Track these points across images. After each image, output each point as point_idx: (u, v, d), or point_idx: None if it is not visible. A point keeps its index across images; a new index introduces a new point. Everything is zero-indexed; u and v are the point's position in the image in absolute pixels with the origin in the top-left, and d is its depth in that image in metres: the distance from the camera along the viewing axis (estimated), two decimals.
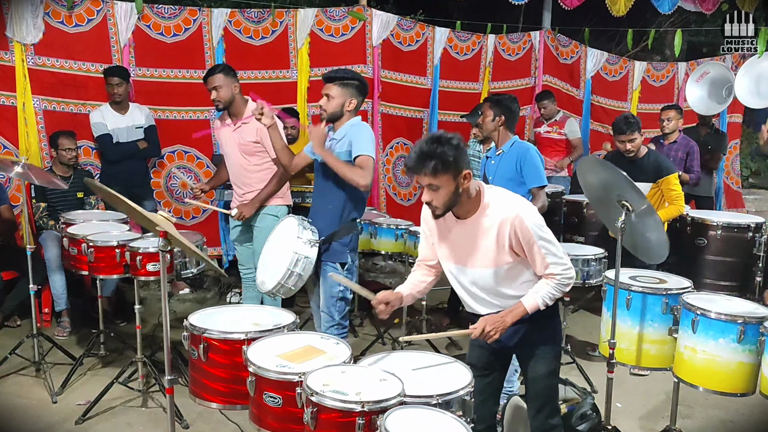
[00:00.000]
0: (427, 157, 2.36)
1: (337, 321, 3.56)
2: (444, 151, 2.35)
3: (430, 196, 2.44)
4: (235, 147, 4.22)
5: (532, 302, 2.57)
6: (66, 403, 3.97)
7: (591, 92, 7.92)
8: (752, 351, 2.98)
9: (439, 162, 2.35)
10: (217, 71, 4.13)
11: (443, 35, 6.85)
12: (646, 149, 4.74)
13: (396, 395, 2.20)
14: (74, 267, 4.17)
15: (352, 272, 3.62)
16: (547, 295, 2.58)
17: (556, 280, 2.56)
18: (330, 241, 3.52)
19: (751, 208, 9.10)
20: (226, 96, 4.12)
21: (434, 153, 2.35)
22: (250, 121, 4.10)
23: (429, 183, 2.40)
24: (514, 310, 2.58)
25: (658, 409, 4.16)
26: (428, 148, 2.36)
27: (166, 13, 5.69)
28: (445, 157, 2.35)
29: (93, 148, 5.52)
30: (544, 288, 2.58)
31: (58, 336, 4.86)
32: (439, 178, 2.37)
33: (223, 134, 4.34)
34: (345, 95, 3.50)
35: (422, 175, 2.39)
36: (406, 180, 6.87)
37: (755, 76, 6.83)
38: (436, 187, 2.40)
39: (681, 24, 9.01)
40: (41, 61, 5.30)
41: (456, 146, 2.38)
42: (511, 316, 2.58)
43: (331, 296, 3.54)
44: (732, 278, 5.10)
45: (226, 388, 2.71)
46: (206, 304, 5.71)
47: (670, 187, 4.56)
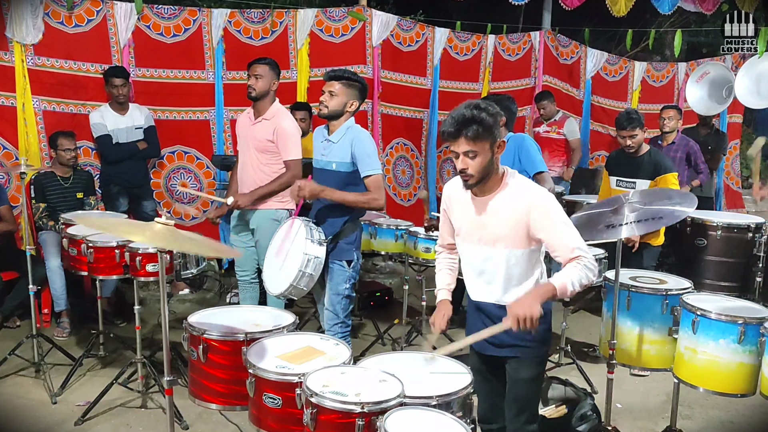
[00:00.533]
0: (469, 121, 2.32)
1: (341, 319, 3.62)
2: (484, 117, 2.33)
3: (465, 163, 2.39)
4: (251, 142, 4.19)
5: (561, 282, 2.38)
6: (65, 404, 3.96)
7: (591, 92, 7.93)
8: (753, 352, 2.97)
9: (480, 127, 2.33)
10: (265, 62, 4.14)
11: (443, 35, 6.85)
12: (648, 147, 4.74)
13: (396, 396, 2.19)
14: (74, 267, 4.16)
15: (357, 269, 3.67)
16: (576, 276, 2.39)
17: (582, 262, 2.40)
18: (336, 240, 3.56)
19: (751, 208, 9.09)
20: (263, 87, 4.11)
21: (475, 117, 2.32)
22: (271, 119, 4.12)
23: (467, 149, 2.36)
24: (541, 289, 2.40)
25: (658, 409, 4.16)
26: (469, 113, 2.33)
27: (165, 14, 5.69)
28: (486, 122, 2.33)
29: (93, 148, 5.52)
30: (572, 269, 2.40)
31: (57, 337, 4.85)
32: (478, 143, 2.35)
33: (243, 128, 4.30)
34: (348, 95, 3.51)
35: (461, 139, 2.35)
36: (406, 180, 6.87)
37: (755, 77, 6.83)
38: (473, 154, 2.36)
39: (681, 24, 9.01)
40: (41, 62, 5.30)
41: (494, 114, 2.36)
42: (540, 296, 2.37)
43: (337, 294, 3.59)
44: (732, 279, 5.10)
45: (225, 389, 2.71)
46: (206, 305, 5.69)
47: (668, 185, 4.56)
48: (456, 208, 2.63)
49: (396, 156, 6.77)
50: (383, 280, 6.50)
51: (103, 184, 5.43)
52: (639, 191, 3.59)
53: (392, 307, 5.80)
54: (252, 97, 4.14)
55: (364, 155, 3.48)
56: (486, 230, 2.52)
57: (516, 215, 2.44)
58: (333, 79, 3.53)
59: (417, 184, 6.97)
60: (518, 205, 2.44)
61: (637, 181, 4.65)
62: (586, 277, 2.39)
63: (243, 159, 4.28)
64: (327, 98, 3.52)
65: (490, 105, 2.39)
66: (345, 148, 3.50)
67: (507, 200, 2.47)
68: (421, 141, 6.99)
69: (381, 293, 5.92)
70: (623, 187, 4.74)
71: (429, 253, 4.51)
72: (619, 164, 4.83)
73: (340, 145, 3.53)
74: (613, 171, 4.86)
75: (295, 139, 4.11)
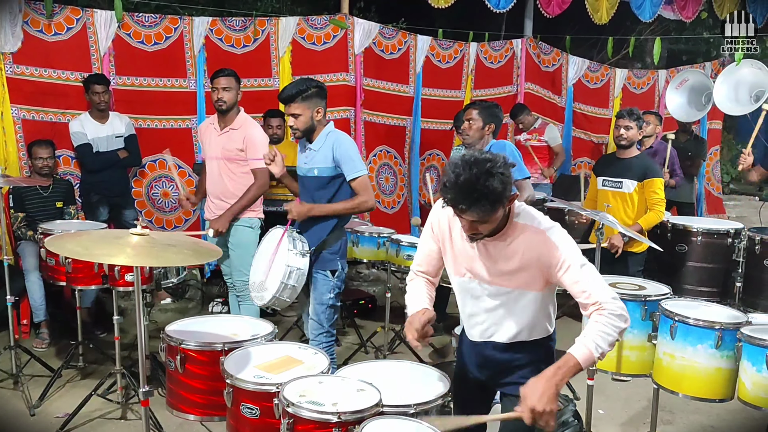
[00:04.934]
0: (479, 199, 1.99)
1: (326, 328, 3.61)
2: (496, 187, 1.99)
3: (474, 229, 2.12)
4: (218, 151, 4.21)
5: (584, 350, 2.07)
6: (44, 416, 3.92)
7: (573, 99, 7.97)
8: (730, 357, 3.00)
9: (491, 203, 2.01)
10: (228, 73, 4.19)
11: (425, 43, 6.86)
12: (638, 151, 4.80)
13: (373, 405, 2.19)
14: (52, 278, 4.13)
15: (341, 278, 3.65)
16: (599, 336, 2.06)
17: (606, 311, 2.09)
18: (320, 250, 3.55)
19: (732, 213, 9.19)
20: (232, 99, 4.17)
21: (486, 193, 1.99)
22: (240, 129, 4.15)
23: (477, 220, 2.07)
24: (562, 369, 2.04)
25: (639, 415, 4.18)
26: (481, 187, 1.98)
27: (146, 22, 5.66)
28: (497, 192, 2.00)
29: (73, 157, 5.47)
30: (593, 330, 2.08)
31: (36, 348, 4.80)
32: (491, 216, 2.06)
33: (207, 138, 4.33)
34: (311, 107, 3.48)
35: (469, 214, 2.05)
36: (389, 188, 6.87)
37: (734, 84, 6.91)
38: (484, 222, 2.09)
39: (661, 32, 9.10)
40: (20, 70, 5.25)
41: (503, 174, 2.01)
42: (560, 377, 2.03)
43: (321, 303, 3.58)
44: (713, 284, 5.13)
45: (203, 399, 2.69)
46: (188, 314, 5.65)
47: (654, 190, 4.61)
48: (457, 239, 2.31)
49: (379, 163, 6.77)
50: (367, 287, 6.49)
51: (83, 193, 5.38)
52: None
53: (376, 315, 5.80)
54: (223, 110, 4.18)
55: (347, 158, 3.47)
56: (490, 268, 2.25)
57: (520, 257, 2.19)
58: (287, 101, 3.46)
59: (401, 192, 6.97)
60: (524, 248, 2.18)
61: (624, 180, 4.70)
62: (614, 329, 2.08)
63: (211, 169, 4.29)
64: (294, 122, 3.47)
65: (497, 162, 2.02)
66: (326, 154, 3.49)
67: (513, 242, 2.20)
68: (405, 148, 6.99)
69: (365, 301, 5.92)
70: (609, 186, 4.78)
71: (411, 260, 4.49)
72: (607, 165, 4.90)
73: (321, 151, 3.52)
74: (600, 172, 4.91)
75: (264, 148, 4.11)
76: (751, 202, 10.11)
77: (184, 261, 2.58)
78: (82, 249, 2.29)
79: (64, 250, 2.34)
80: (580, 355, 2.07)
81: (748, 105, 6.85)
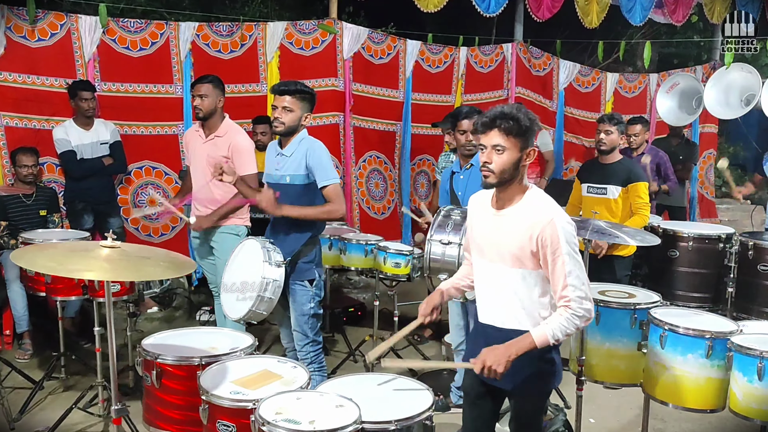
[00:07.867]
0: (507, 116, 2.33)
1: (312, 338, 3.53)
2: (522, 117, 2.33)
3: (490, 157, 2.36)
4: (204, 159, 4.14)
5: (542, 334, 2.31)
6: (24, 429, 3.84)
7: (564, 104, 7.93)
8: (721, 366, 2.95)
9: (515, 124, 2.32)
10: (208, 81, 4.13)
11: (415, 48, 6.82)
12: (621, 156, 4.74)
13: (352, 423, 2.12)
14: (32, 288, 4.06)
15: (320, 287, 3.57)
16: (558, 327, 2.30)
17: (570, 309, 2.31)
18: (295, 261, 3.47)
19: (724, 217, 9.16)
20: (209, 106, 4.10)
21: (513, 115, 2.33)
22: (225, 136, 4.09)
23: (497, 143, 2.34)
24: (520, 342, 2.32)
25: (630, 423, 4.12)
26: (509, 110, 2.34)
27: (131, 27, 5.59)
28: (523, 122, 2.33)
29: (57, 164, 5.39)
30: (556, 320, 2.32)
31: (19, 359, 4.71)
32: (510, 139, 2.34)
33: (193, 145, 4.27)
34: (304, 109, 3.45)
35: (494, 131, 2.34)
36: (379, 194, 6.81)
37: (724, 87, 6.89)
38: (501, 149, 2.34)
39: (652, 36, 9.08)
40: (2, 77, 5.17)
41: (532, 120, 2.37)
42: (516, 348, 2.31)
43: (303, 314, 3.50)
44: (704, 290, 5.08)
45: (180, 415, 2.62)
46: (175, 322, 5.59)
47: (638, 194, 4.55)
48: (475, 220, 2.58)
49: (369, 169, 6.72)
50: (356, 295, 6.42)
51: (67, 201, 5.30)
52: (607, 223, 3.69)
53: (365, 322, 5.73)
54: (201, 117, 4.13)
55: (319, 166, 3.41)
56: (497, 246, 2.43)
57: (523, 233, 2.35)
58: (285, 93, 3.42)
59: (391, 197, 6.92)
60: (528, 222, 2.35)
61: (608, 186, 4.64)
62: (573, 326, 2.32)
63: (196, 177, 4.22)
64: (281, 114, 3.40)
65: (530, 111, 2.40)
66: (299, 161, 3.42)
67: (520, 215, 2.39)
68: (395, 154, 6.94)
69: (354, 308, 5.85)
70: (593, 193, 4.73)
71: (398, 268, 4.46)
72: (591, 171, 4.84)
73: (294, 158, 3.45)
74: (584, 179, 4.86)
75: (250, 155, 4.07)
76: (743, 205, 10.07)
77: (161, 274, 2.52)
78: (55, 264, 2.22)
79: (35, 265, 2.28)
80: (537, 337, 2.32)
81: (738, 109, 6.83)
